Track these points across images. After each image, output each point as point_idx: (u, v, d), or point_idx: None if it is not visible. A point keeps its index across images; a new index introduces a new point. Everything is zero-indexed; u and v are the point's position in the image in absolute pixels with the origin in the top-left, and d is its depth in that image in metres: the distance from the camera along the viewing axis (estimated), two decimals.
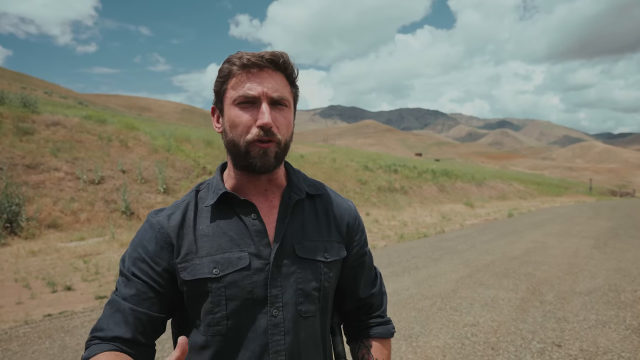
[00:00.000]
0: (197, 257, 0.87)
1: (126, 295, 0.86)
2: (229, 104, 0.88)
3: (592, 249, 8.70)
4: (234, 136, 0.88)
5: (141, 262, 0.88)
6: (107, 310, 0.87)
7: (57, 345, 3.74)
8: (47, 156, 11.19)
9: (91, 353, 0.83)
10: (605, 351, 3.64)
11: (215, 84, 0.92)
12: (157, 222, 0.91)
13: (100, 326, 0.86)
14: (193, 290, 0.87)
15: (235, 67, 0.87)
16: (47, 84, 57.24)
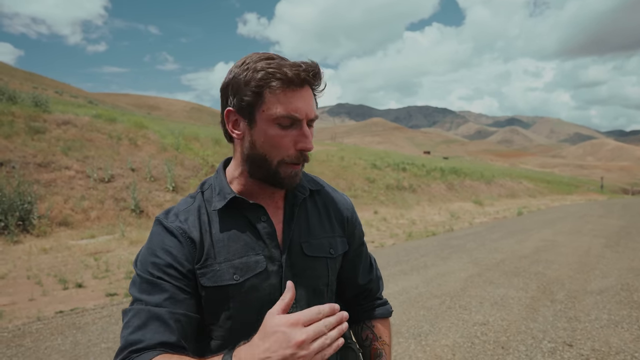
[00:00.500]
0: (216, 262, 0.86)
1: (158, 301, 0.80)
2: (268, 119, 0.83)
3: (604, 248, 8.59)
4: (266, 153, 0.85)
5: (167, 267, 0.83)
6: (134, 323, 0.79)
7: (69, 342, 3.78)
8: (58, 155, 11.32)
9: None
10: (617, 351, 3.59)
11: (243, 90, 0.84)
12: (177, 227, 0.87)
13: (134, 340, 0.77)
14: (213, 296, 0.85)
15: (276, 81, 0.82)
16: (57, 83, 57.90)
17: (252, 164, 0.87)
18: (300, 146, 0.84)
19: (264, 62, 0.83)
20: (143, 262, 0.85)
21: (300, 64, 0.82)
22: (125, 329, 0.79)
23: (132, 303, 0.83)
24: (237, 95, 0.85)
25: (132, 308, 0.81)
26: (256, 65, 0.83)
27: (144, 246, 0.88)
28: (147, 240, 0.88)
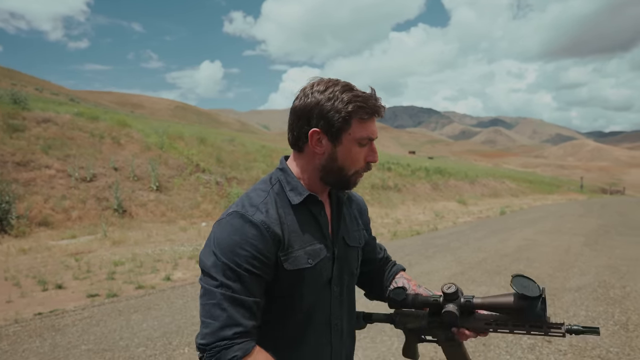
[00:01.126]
0: (294, 250, 1.02)
1: (244, 290, 0.95)
2: (353, 139, 1.03)
3: (583, 246, 8.79)
4: (345, 166, 1.05)
5: (252, 259, 0.96)
6: (228, 306, 0.93)
7: (48, 344, 3.71)
8: (37, 153, 11.09)
9: (244, 351, 0.92)
10: (594, 346, 3.68)
11: (332, 116, 1.01)
12: (261, 221, 0.98)
13: (234, 322, 0.93)
14: (292, 278, 1.02)
15: (364, 113, 1.02)
16: (37, 80, 56.67)
17: (328, 173, 1.06)
18: (370, 159, 1.07)
19: (350, 93, 1.02)
20: (229, 251, 0.96)
21: (376, 98, 1.04)
22: (217, 308, 0.93)
23: (213, 280, 0.95)
24: (324, 119, 1.01)
25: (222, 292, 0.94)
26: (343, 97, 1.01)
27: (222, 235, 0.98)
28: (228, 230, 0.98)
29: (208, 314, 0.94)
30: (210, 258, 0.96)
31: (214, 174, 14.43)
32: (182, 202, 12.06)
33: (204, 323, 0.94)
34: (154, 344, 3.72)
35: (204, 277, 0.97)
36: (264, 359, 0.95)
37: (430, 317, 1.17)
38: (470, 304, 1.07)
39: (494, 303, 1.05)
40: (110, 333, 3.97)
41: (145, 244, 8.39)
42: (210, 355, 0.91)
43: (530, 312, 1.00)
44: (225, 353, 0.91)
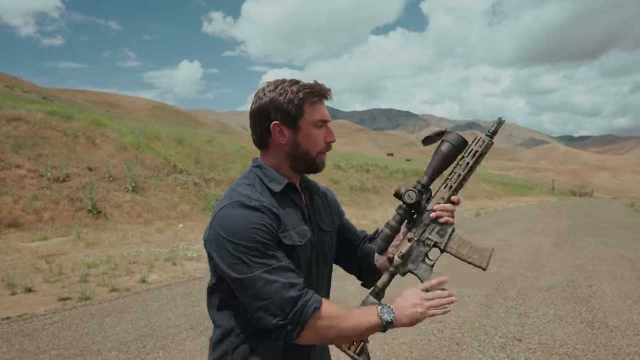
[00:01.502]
0: (288, 229, 1.10)
1: (281, 260, 1.03)
2: (309, 124, 1.14)
3: (554, 247, 9.07)
4: (309, 148, 1.15)
5: (265, 234, 1.04)
6: (277, 277, 1.00)
7: (15, 350, 3.61)
8: (7, 152, 10.74)
9: (319, 301, 1.02)
10: (562, 344, 3.82)
11: (287, 107, 1.11)
12: (259, 204, 1.07)
13: (292, 282, 1.01)
14: (288, 253, 1.08)
15: (314, 97, 1.13)
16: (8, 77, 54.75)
17: (295, 158, 1.16)
18: (329, 139, 1.18)
19: (297, 85, 1.13)
20: (243, 236, 1.02)
21: (321, 84, 1.15)
22: (269, 284, 0.99)
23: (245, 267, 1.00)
24: (280, 111, 1.12)
25: (261, 271, 1.00)
26: (292, 88, 1.12)
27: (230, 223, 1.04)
28: (233, 217, 1.04)
29: (263, 296, 0.99)
30: (232, 248, 1.01)
31: (191, 174, 14.26)
32: (158, 203, 11.87)
33: (264, 307, 0.99)
34: (128, 348, 3.66)
35: (239, 270, 1.01)
36: (334, 306, 1.04)
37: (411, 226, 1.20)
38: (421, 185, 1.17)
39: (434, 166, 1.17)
40: (81, 337, 3.89)
41: (120, 246, 8.23)
42: (295, 323, 0.98)
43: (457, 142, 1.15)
44: (306, 311, 0.99)
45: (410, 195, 1.15)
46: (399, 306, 1.07)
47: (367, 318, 1.04)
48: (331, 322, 1.01)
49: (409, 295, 1.10)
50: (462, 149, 1.17)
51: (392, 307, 1.07)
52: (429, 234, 1.18)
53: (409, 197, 1.15)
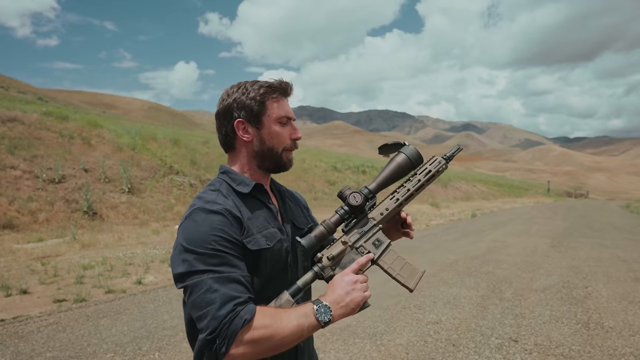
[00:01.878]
0: (253, 233, 1.09)
1: (231, 270, 0.99)
2: (273, 120, 1.14)
3: (549, 248, 9.11)
4: (274, 145, 1.15)
5: (225, 241, 1.01)
6: (218, 286, 0.96)
7: (10, 352, 3.59)
8: (2, 153, 10.68)
9: (251, 312, 0.95)
10: (557, 345, 3.83)
11: (250, 104, 1.13)
12: (222, 208, 1.05)
13: (232, 295, 0.95)
14: (254, 258, 1.08)
15: (275, 93, 1.14)
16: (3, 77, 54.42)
17: (262, 156, 1.16)
18: (294, 136, 1.18)
19: (259, 83, 1.15)
20: (200, 241, 0.99)
21: (282, 81, 1.17)
22: (210, 292, 0.95)
23: (194, 275, 0.97)
24: (243, 109, 1.13)
25: (208, 277, 0.96)
26: (254, 86, 1.14)
27: (189, 232, 1.02)
28: (193, 226, 1.03)
29: (203, 303, 0.94)
30: (185, 257, 0.99)
31: (187, 175, 14.22)
32: (154, 205, 11.83)
33: (202, 315, 0.94)
34: (123, 350, 3.65)
35: (186, 277, 0.98)
36: (271, 310, 0.99)
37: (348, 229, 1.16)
38: (368, 190, 1.15)
39: (385, 175, 1.16)
40: (77, 339, 3.87)
41: (116, 247, 8.20)
42: (223, 337, 0.91)
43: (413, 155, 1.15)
44: (235, 323, 0.92)
45: (356, 198, 1.12)
46: (333, 300, 1.02)
47: (304, 322, 0.98)
48: (265, 333, 0.94)
49: (339, 286, 1.04)
50: (416, 165, 1.16)
51: (328, 304, 1.01)
52: (364, 242, 1.14)
53: (354, 199, 1.11)
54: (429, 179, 1.17)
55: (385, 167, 1.17)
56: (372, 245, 1.14)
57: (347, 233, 1.15)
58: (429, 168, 1.17)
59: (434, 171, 1.17)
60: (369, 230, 1.15)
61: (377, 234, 1.15)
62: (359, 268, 1.08)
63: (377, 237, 1.14)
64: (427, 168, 1.17)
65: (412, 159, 1.15)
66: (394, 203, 1.18)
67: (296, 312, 0.99)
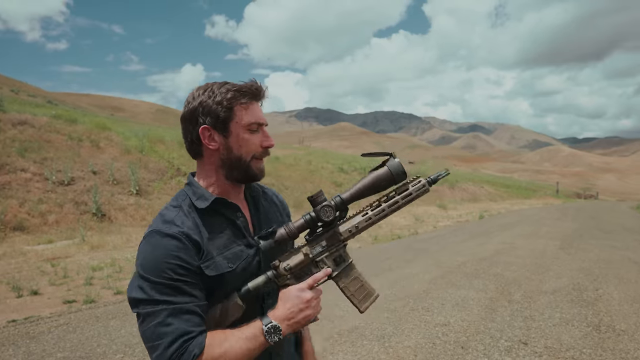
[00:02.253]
0: (213, 256, 1.03)
1: (182, 300, 0.96)
2: (241, 127, 1.06)
3: (558, 250, 9.02)
4: (241, 154, 1.07)
5: (179, 268, 0.96)
6: (171, 320, 0.93)
7: (22, 352, 3.63)
8: (13, 156, 10.81)
9: (200, 346, 0.92)
10: (568, 348, 3.79)
11: (216, 109, 1.04)
12: (179, 232, 0.99)
13: (183, 331, 0.93)
14: (215, 282, 1.02)
15: (244, 98, 1.05)
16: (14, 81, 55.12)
17: (229, 166, 1.08)
18: (266, 144, 1.09)
19: (226, 86, 1.06)
20: (155, 269, 0.95)
21: (253, 84, 1.07)
22: (162, 325, 0.92)
23: (147, 305, 0.94)
24: (209, 114, 1.04)
25: (161, 308, 0.93)
26: (222, 90, 1.05)
27: (144, 256, 0.98)
28: (148, 250, 0.98)
29: (154, 335, 0.92)
30: (141, 283, 0.95)
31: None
32: (162, 207, 11.93)
33: (152, 347, 0.92)
34: (133, 351, 3.67)
35: (140, 305, 0.95)
36: (220, 336, 0.95)
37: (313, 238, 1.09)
38: (341, 199, 1.07)
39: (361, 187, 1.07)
40: (87, 340, 3.90)
41: (124, 249, 8.25)
42: None
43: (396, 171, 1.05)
44: (184, 359, 0.90)
45: (327, 213, 1.05)
46: (285, 316, 0.99)
47: (253, 344, 0.96)
48: None
49: (292, 302, 1.00)
50: (397, 182, 1.07)
51: (277, 323, 0.98)
52: (325, 256, 1.09)
53: (326, 214, 1.05)
54: (406, 202, 1.09)
55: (364, 178, 1.08)
56: (333, 262, 1.09)
57: (310, 243, 1.09)
58: (410, 190, 1.09)
59: (414, 195, 1.09)
60: (333, 245, 1.09)
61: (340, 251, 1.10)
62: (314, 284, 1.03)
63: (339, 253, 1.10)
64: (409, 190, 1.09)
65: (394, 174, 1.06)
66: (365, 221, 1.09)
67: (244, 333, 0.96)
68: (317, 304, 1.03)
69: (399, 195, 1.09)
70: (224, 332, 0.97)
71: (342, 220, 1.10)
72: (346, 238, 1.09)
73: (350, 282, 1.11)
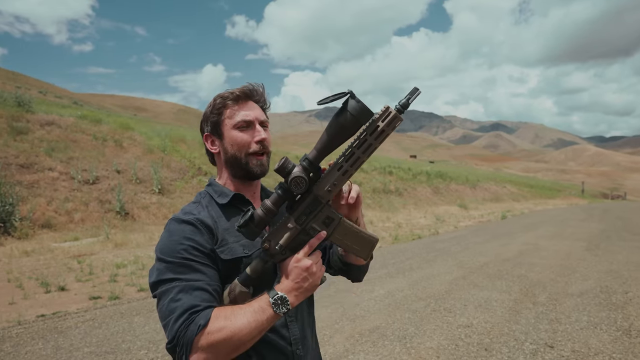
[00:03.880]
0: (228, 242, 1.10)
1: (195, 277, 1.01)
2: (229, 128, 1.14)
3: (584, 251, 8.78)
4: (235, 152, 1.14)
5: (193, 249, 1.03)
6: (182, 295, 0.97)
7: (51, 346, 3.73)
8: (41, 156, 11.13)
9: (206, 317, 0.94)
10: (596, 352, 3.68)
11: (211, 117, 1.16)
12: (194, 218, 1.08)
13: (190, 305, 0.96)
14: (231, 267, 1.08)
15: (230, 101, 1.14)
16: (41, 83, 56.86)
17: (231, 165, 1.16)
18: (257, 138, 1.13)
19: (221, 94, 1.16)
20: (170, 250, 1.03)
21: (245, 85, 1.17)
22: (173, 301, 0.97)
23: (163, 284, 1.00)
24: (208, 123, 1.17)
25: (174, 286, 0.98)
26: (215, 97, 1.16)
27: (162, 241, 1.05)
28: (165, 235, 1.06)
29: (166, 312, 0.96)
30: (158, 265, 1.02)
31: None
32: (184, 205, 12.10)
33: (164, 325, 0.96)
34: (156, 347, 3.73)
35: (157, 286, 1.01)
36: (227, 310, 0.97)
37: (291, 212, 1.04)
38: (308, 160, 1.00)
39: (326, 140, 0.99)
40: (112, 335, 3.98)
41: (147, 247, 8.40)
42: (181, 345, 0.92)
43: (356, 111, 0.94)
44: (190, 330, 0.92)
45: (299, 184, 0.98)
46: (290, 287, 1.00)
47: (261, 317, 0.97)
48: (222, 336, 0.92)
49: (294, 273, 1.00)
50: (363, 121, 0.96)
51: (284, 294, 0.98)
52: (312, 222, 1.04)
53: (298, 187, 0.98)
54: (380, 140, 0.97)
55: (326, 130, 0.99)
56: (323, 224, 1.04)
57: (292, 214, 1.04)
58: (381, 126, 0.96)
59: (387, 129, 0.96)
60: (317, 209, 1.03)
61: (326, 211, 1.04)
62: (309, 251, 1.02)
63: (326, 214, 1.04)
64: (378, 126, 0.96)
65: (356, 115, 0.95)
66: (341, 175, 1.00)
67: (252, 307, 0.97)
68: (318, 268, 1.03)
69: (370, 135, 0.97)
70: (232, 307, 0.99)
71: (318, 180, 1.02)
72: (327, 198, 1.03)
73: (345, 236, 1.08)
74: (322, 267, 1.05)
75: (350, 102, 0.96)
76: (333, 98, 0.96)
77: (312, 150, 1.01)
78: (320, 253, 1.07)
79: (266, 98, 1.22)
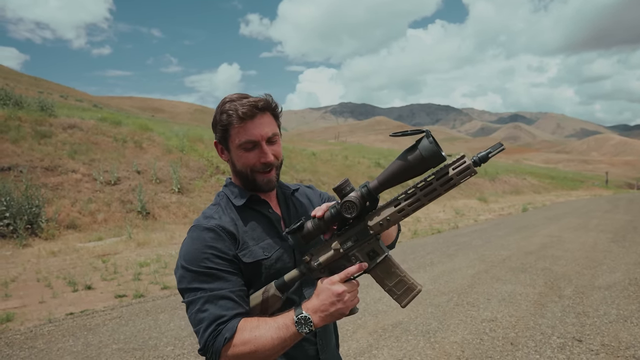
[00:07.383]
0: (249, 246, 1.12)
1: (219, 286, 1.03)
2: (235, 147, 1.13)
3: (611, 243, 8.56)
4: (242, 169, 1.15)
5: (216, 258, 1.05)
6: (208, 306, 1.01)
7: (81, 343, 3.82)
8: (64, 158, 11.40)
9: (232, 330, 0.98)
10: (628, 346, 3.59)
11: (217, 130, 1.15)
12: (216, 225, 1.10)
13: (217, 315, 1.00)
14: (252, 271, 1.11)
15: (234, 120, 1.10)
16: (62, 87, 58.15)
17: (239, 176, 1.19)
18: (262, 160, 1.13)
19: (228, 104, 1.12)
20: (194, 259, 1.05)
21: (251, 100, 1.11)
22: (201, 312, 1.01)
23: (190, 293, 1.03)
24: (216, 131, 1.17)
25: (199, 296, 1.02)
26: (223, 107, 1.12)
27: (185, 249, 1.08)
28: (189, 243, 1.08)
29: (196, 321, 1.01)
30: (183, 273, 1.05)
31: None
32: (203, 204, 12.21)
33: (195, 332, 1.02)
34: (182, 343, 3.79)
35: (184, 294, 1.05)
36: (253, 322, 1.00)
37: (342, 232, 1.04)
38: (367, 189, 0.98)
39: (389, 174, 0.96)
40: (139, 332, 4.06)
41: (168, 245, 8.54)
42: (210, 353, 0.98)
43: (428, 153, 0.90)
44: (218, 341, 0.97)
45: (350, 209, 0.97)
46: (317, 308, 0.99)
47: (284, 334, 0.99)
48: (246, 349, 0.97)
49: (325, 295, 1.00)
50: (432, 164, 0.92)
51: (309, 315, 0.99)
52: (357, 250, 1.03)
53: (347, 210, 0.97)
54: (447, 189, 0.93)
55: (393, 162, 0.96)
56: (367, 256, 1.03)
57: (339, 237, 1.04)
58: (451, 174, 0.91)
59: (456, 179, 0.91)
60: (364, 239, 1.02)
61: (372, 245, 1.03)
62: (346, 277, 1.01)
63: (372, 247, 1.03)
64: (449, 174, 0.91)
65: (426, 157, 0.90)
66: (397, 212, 0.98)
67: (277, 322, 1.00)
68: (350, 297, 1.01)
69: (437, 181, 0.93)
70: (259, 319, 1.02)
71: (373, 211, 1.02)
72: (377, 232, 1.01)
73: (387, 276, 1.05)
74: (357, 298, 1.03)
75: (423, 142, 0.92)
76: (409, 133, 0.94)
77: (374, 180, 1.00)
78: (358, 284, 1.04)
79: (277, 103, 1.18)
